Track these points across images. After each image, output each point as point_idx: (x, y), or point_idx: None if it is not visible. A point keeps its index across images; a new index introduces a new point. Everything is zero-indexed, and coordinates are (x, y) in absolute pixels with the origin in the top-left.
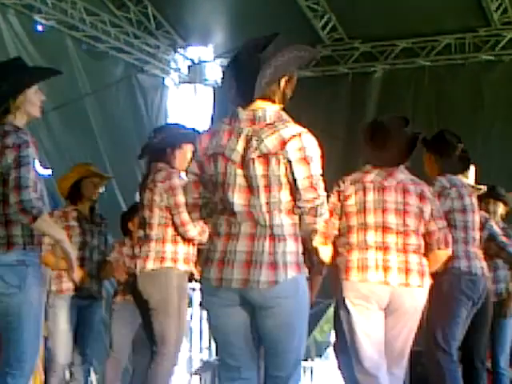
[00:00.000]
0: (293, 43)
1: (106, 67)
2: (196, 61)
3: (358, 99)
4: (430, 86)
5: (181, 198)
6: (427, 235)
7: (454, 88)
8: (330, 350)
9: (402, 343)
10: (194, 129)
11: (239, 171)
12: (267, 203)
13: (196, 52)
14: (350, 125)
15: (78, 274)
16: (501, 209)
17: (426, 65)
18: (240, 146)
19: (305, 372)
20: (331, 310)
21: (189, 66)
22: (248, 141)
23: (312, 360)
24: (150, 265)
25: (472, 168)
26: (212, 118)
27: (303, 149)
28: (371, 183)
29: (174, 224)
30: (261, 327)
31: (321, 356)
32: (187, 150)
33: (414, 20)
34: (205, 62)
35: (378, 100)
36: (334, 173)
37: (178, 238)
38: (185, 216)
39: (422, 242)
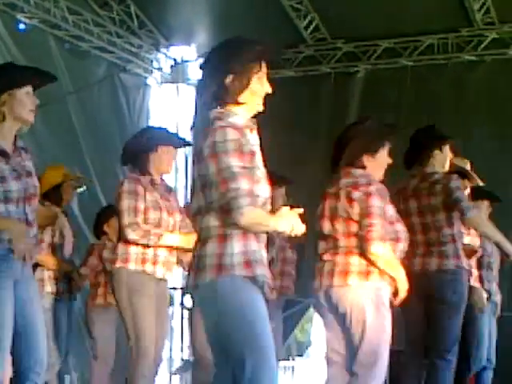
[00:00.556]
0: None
1: (88, 66)
2: (179, 60)
3: (340, 99)
4: (412, 86)
5: (123, 204)
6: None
7: (436, 88)
8: (311, 349)
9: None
10: (174, 133)
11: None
12: (199, 206)
13: (179, 51)
14: (332, 125)
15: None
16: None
17: (409, 65)
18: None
19: (286, 371)
20: (311, 309)
21: (171, 66)
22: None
23: (293, 359)
24: (115, 266)
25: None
26: (194, 118)
27: (212, 143)
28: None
29: None
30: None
31: (302, 355)
32: (163, 153)
33: (396, 20)
34: (187, 61)
35: (361, 100)
36: (317, 172)
37: None
38: (124, 221)
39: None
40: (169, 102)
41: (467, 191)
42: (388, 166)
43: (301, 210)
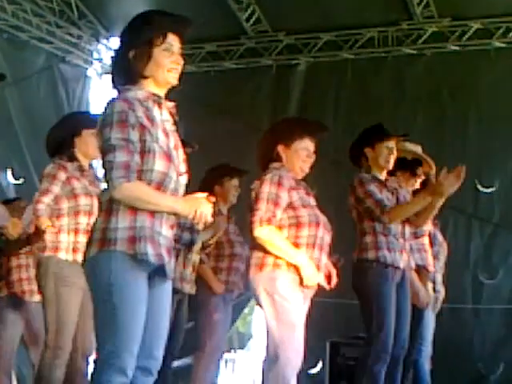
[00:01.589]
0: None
1: (27, 57)
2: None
3: (281, 91)
4: (352, 79)
5: (42, 185)
6: None
7: (376, 81)
8: (252, 342)
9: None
10: (95, 114)
11: None
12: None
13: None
14: (273, 116)
15: None
16: None
17: (349, 58)
18: None
19: (227, 364)
20: (253, 301)
21: (112, 57)
22: None
23: (235, 351)
24: (43, 254)
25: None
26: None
27: (102, 118)
28: None
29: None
30: None
31: (243, 348)
32: (88, 136)
33: (337, 13)
34: None
35: (302, 92)
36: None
37: (63, 227)
38: (34, 198)
39: None
40: (109, 92)
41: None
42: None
43: (213, 199)
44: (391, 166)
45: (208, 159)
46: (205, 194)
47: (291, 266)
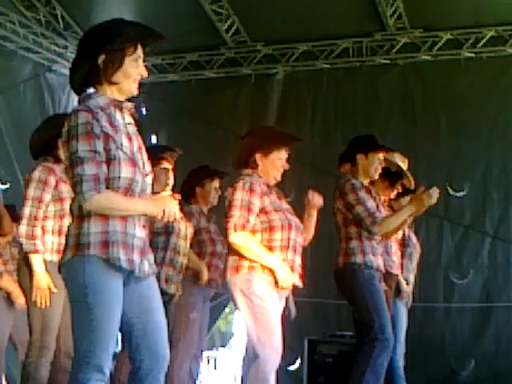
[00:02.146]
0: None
1: (14, 66)
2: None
3: (260, 99)
4: (328, 88)
5: (29, 192)
6: None
7: (351, 89)
8: (234, 340)
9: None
10: None
11: None
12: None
13: None
14: (252, 124)
15: None
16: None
17: (325, 67)
18: None
19: (209, 361)
20: None
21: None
22: None
23: (216, 349)
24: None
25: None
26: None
27: (67, 129)
28: None
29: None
30: None
31: (224, 346)
32: None
33: (313, 24)
34: None
35: (280, 101)
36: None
37: (48, 228)
38: (25, 210)
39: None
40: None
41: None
42: None
43: (178, 197)
44: (377, 176)
45: (190, 163)
46: (169, 193)
47: (266, 268)
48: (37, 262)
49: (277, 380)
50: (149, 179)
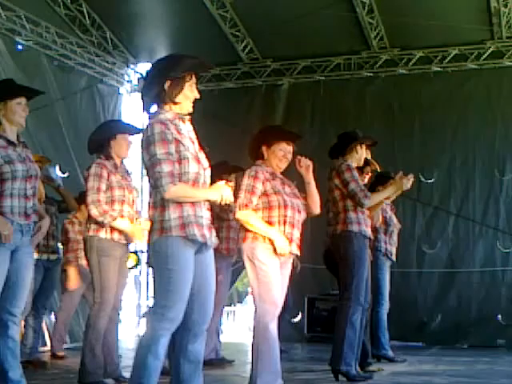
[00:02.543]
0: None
1: (72, 79)
2: (144, 74)
3: (269, 105)
4: (324, 96)
5: (89, 184)
6: None
7: (343, 97)
8: (248, 298)
9: None
10: (129, 123)
11: None
12: (150, 185)
13: (144, 67)
14: (263, 125)
15: None
16: None
17: (322, 79)
18: None
19: (228, 315)
20: None
21: (138, 78)
22: None
23: (234, 305)
24: (88, 234)
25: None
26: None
27: (145, 138)
28: None
29: None
30: None
31: (241, 302)
32: (121, 139)
33: (312, 45)
34: None
35: (285, 106)
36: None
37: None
38: (89, 198)
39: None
40: (136, 107)
41: (368, 177)
42: None
43: (232, 184)
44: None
45: (214, 158)
46: (224, 182)
47: (266, 238)
48: (121, 224)
49: (283, 329)
50: (208, 172)
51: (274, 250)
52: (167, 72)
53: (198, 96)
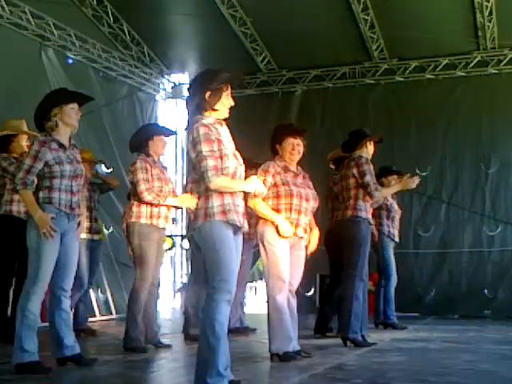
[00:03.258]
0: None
1: (115, 88)
2: (177, 83)
3: (284, 109)
4: (332, 102)
5: (139, 176)
6: None
7: (348, 103)
8: None
9: None
10: (163, 126)
11: None
12: (193, 178)
13: (177, 77)
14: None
15: None
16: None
17: (330, 86)
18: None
19: (251, 290)
20: None
21: (172, 87)
22: None
23: (256, 282)
24: (130, 220)
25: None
26: (188, 121)
27: (192, 138)
28: None
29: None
30: None
31: (262, 279)
32: (158, 140)
33: (322, 56)
34: (183, 84)
35: (298, 110)
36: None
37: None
38: (140, 187)
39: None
40: (170, 111)
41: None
42: None
43: (264, 178)
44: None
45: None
46: (256, 176)
47: (273, 223)
48: (172, 200)
49: (297, 302)
50: (243, 168)
51: (278, 232)
52: (207, 84)
53: (233, 103)
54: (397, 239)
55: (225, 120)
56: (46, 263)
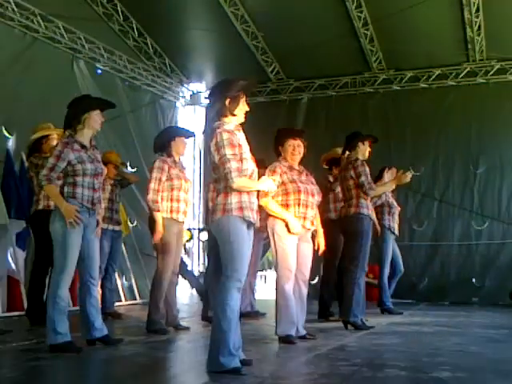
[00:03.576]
0: (245, 79)
1: (139, 96)
2: (195, 91)
3: (292, 116)
4: (336, 109)
5: (153, 175)
6: None
7: (350, 110)
8: None
9: None
10: (184, 128)
11: None
12: (213, 178)
13: (195, 86)
14: None
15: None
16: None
17: (333, 95)
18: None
19: (261, 278)
20: None
21: (191, 95)
22: None
23: (266, 271)
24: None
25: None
26: (205, 127)
27: (215, 142)
28: None
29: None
30: None
31: (271, 268)
32: (179, 141)
33: (326, 67)
34: (200, 92)
35: (304, 116)
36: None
37: (164, 198)
38: (150, 185)
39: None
40: (189, 117)
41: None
42: None
43: (274, 178)
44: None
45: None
46: (267, 176)
47: (284, 220)
48: (158, 216)
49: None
50: (256, 169)
51: (288, 228)
52: (227, 92)
53: (248, 109)
54: (397, 232)
55: (241, 125)
56: (72, 252)
